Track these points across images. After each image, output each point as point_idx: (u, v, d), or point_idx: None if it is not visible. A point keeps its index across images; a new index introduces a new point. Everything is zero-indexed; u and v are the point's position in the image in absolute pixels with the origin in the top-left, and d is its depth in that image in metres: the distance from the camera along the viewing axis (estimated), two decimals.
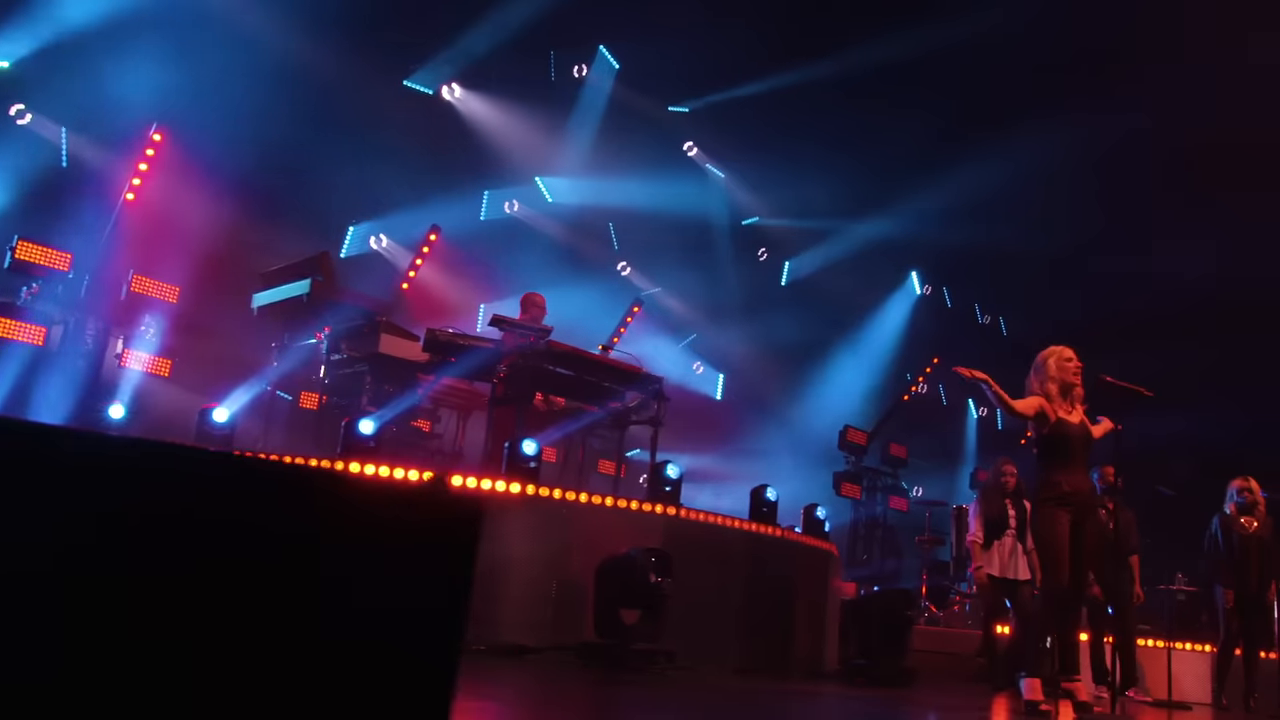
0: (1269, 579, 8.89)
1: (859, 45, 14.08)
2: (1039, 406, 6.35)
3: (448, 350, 8.38)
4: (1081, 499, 6.31)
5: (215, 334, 9.56)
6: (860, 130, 15.25)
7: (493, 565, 6.53)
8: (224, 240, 10.12)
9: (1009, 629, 9.62)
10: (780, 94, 15.06)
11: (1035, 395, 6.43)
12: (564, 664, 6.52)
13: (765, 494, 8.10)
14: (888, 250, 16.64)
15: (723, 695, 5.99)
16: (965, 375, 6.31)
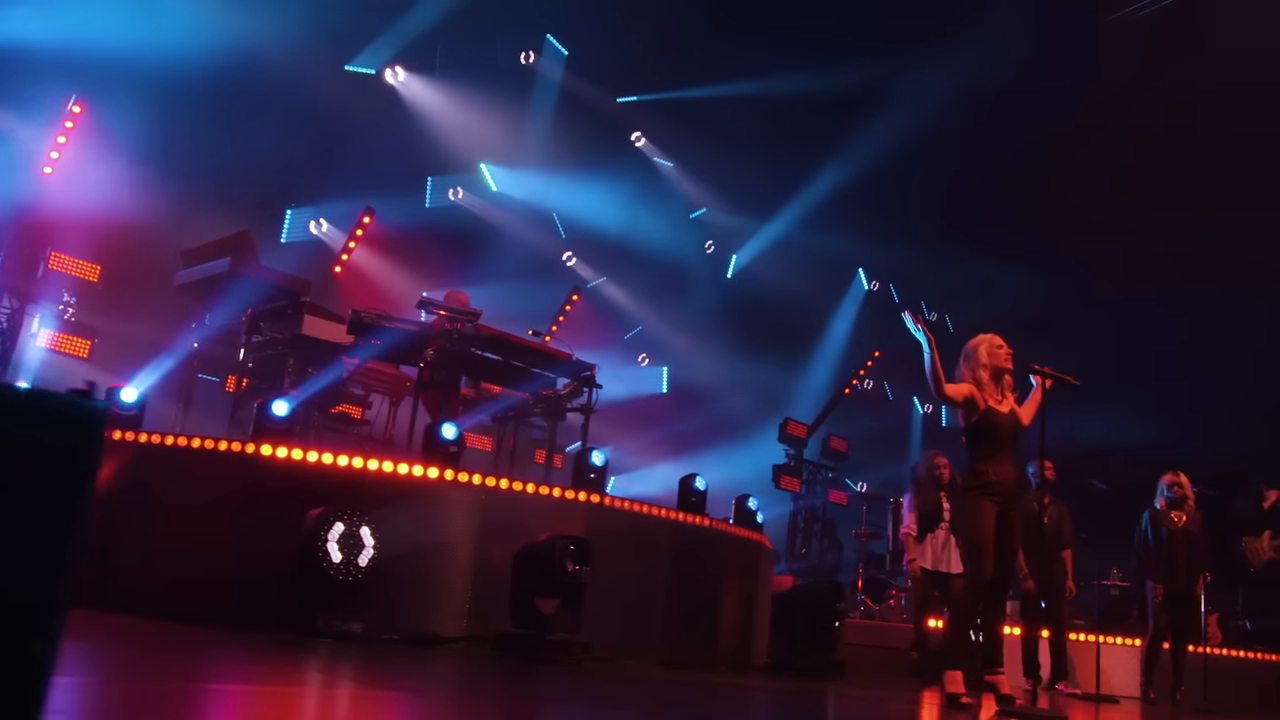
0: (1197, 573, 8.82)
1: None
2: (969, 393, 6.20)
3: (373, 332, 8.09)
4: (1008, 489, 6.15)
5: (137, 314, 9.21)
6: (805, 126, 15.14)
7: (409, 552, 6.27)
8: (149, 218, 9.78)
9: (942, 622, 9.49)
10: (727, 89, 14.92)
11: (966, 383, 6.28)
12: (478, 655, 6.27)
13: (694, 483, 7.89)
14: (835, 245, 16.50)
15: (638, 687, 5.77)
16: (915, 322, 6.16)
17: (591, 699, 5.00)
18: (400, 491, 6.46)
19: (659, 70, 15.34)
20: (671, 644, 7.37)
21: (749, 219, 16.84)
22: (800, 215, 16.34)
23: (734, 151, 15.71)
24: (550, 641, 6.14)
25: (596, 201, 15.56)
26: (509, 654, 6.22)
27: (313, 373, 8.35)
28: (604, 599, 6.87)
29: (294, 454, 6.45)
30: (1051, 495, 9.35)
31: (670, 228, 16.46)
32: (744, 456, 13.61)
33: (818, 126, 15.04)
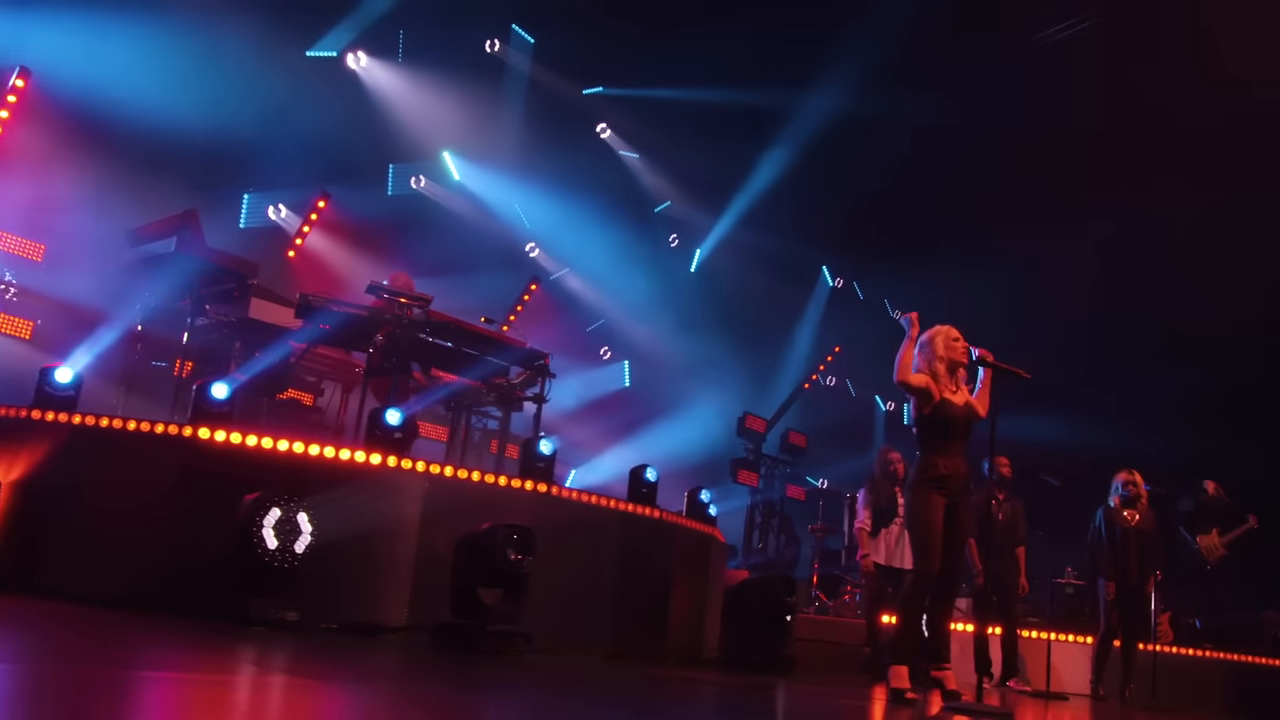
0: (1149, 572, 8.78)
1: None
2: (926, 383, 6.10)
3: (321, 316, 7.90)
4: (958, 483, 6.06)
5: (83, 295, 8.95)
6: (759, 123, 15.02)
7: (349, 539, 6.10)
8: (99, 198, 9.53)
9: (895, 618, 9.40)
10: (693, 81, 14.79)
11: (923, 374, 6.16)
12: (418, 645, 6.11)
13: (644, 474, 7.74)
14: (794, 240, 16.39)
15: (579, 679, 5.62)
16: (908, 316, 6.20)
17: (528, 691, 4.85)
18: (341, 478, 6.29)
19: (625, 62, 15.16)
20: (619, 637, 7.22)
21: (713, 213, 16.65)
22: (760, 210, 16.21)
23: (697, 144, 15.57)
24: (491, 632, 5.99)
25: (560, 193, 15.37)
26: (449, 644, 6.06)
27: (260, 357, 8.14)
28: (549, 590, 6.73)
29: (233, 438, 6.27)
30: (1006, 491, 9.30)
31: (635, 221, 16.28)
32: (703, 450, 13.50)
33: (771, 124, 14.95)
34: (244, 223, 13.12)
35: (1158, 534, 8.90)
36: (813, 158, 15.14)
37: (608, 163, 16.10)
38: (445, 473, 6.63)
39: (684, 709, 5.02)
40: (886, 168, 14.59)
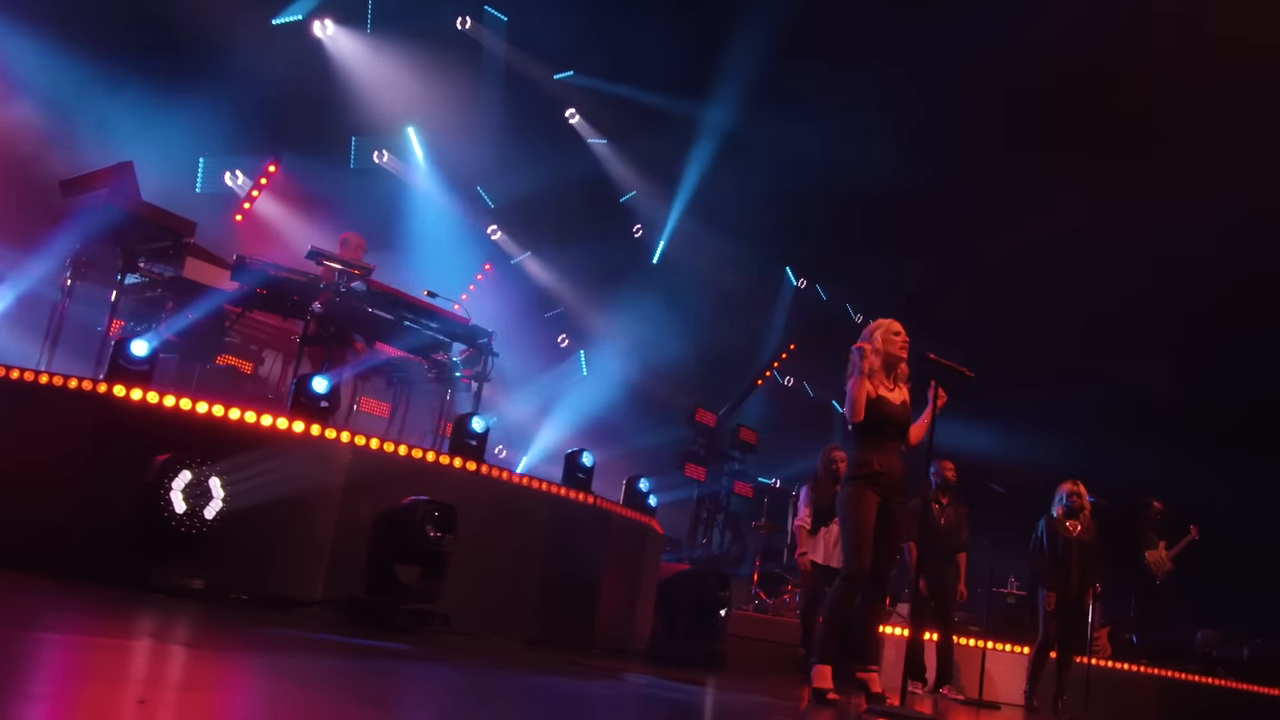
0: (1088, 583, 8.65)
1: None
2: (867, 394, 5.90)
3: (258, 280, 7.61)
4: (893, 481, 5.86)
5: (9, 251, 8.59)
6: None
7: (264, 508, 5.83)
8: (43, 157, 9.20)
9: None
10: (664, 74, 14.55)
11: (857, 372, 5.97)
12: (329, 620, 5.85)
13: (580, 459, 7.51)
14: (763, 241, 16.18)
15: (494, 662, 5.39)
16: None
17: (434, 672, 4.62)
18: (261, 444, 6.00)
19: (597, 50, 14.90)
20: (544, 623, 6.99)
21: (676, 206, 16.37)
22: (723, 207, 15.98)
23: (664, 135, 15.34)
24: (405, 610, 5.75)
25: (526, 177, 15.10)
26: (361, 621, 5.81)
27: (194, 318, 7.84)
28: (473, 571, 6.51)
29: (149, 397, 5.96)
30: (950, 496, 9.14)
31: (600, 208, 16.03)
32: (653, 442, 13.28)
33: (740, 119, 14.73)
34: (199, 188, 12.79)
35: (1099, 545, 8.77)
36: (774, 156, 14.91)
37: (575, 149, 15.82)
38: (370, 445, 6.37)
39: (596, 697, 4.80)
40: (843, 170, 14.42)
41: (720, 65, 14.22)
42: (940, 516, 9.06)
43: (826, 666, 5.70)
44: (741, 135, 14.94)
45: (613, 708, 4.45)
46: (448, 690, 4.06)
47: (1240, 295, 13.23)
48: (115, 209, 7.27)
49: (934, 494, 9.16)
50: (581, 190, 15.68)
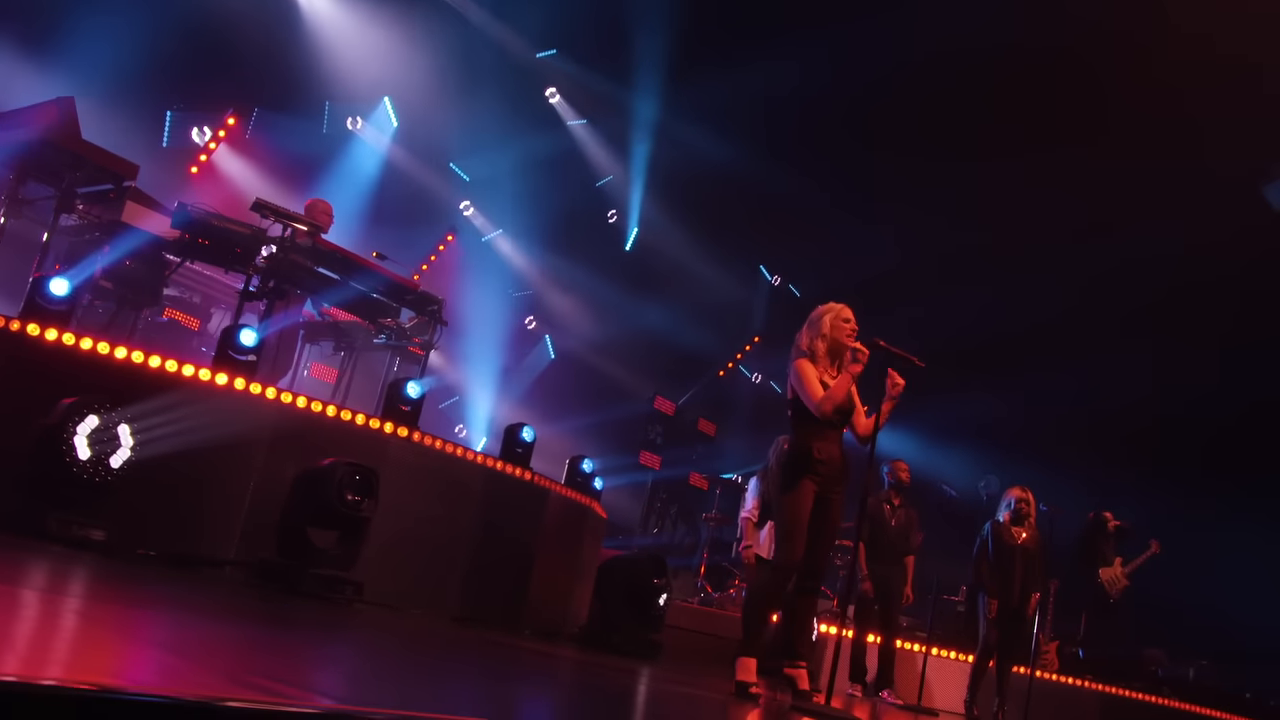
0: (1030, 592, 8.39)
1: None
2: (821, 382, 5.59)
3: (200, 230, 7.27)
4: (833, 471, 5.56)
5: None
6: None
7: (178, 461, 5.50)
8: None
9: (775, 615, 8.95)
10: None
11: (802, 355, 5.68)
12: (236, 582, 5.53)
13: (520, 434, 7.20)
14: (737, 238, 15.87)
15: (407, 636, 5.08)
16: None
17: (332, 640, 4.31)
18: (180, 395, 5.66)
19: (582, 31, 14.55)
20: (471, 600, 6.69)
21: (651, 193, 16.02)
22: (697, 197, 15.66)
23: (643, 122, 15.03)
24: (314, 575, 5.42)
25: (502, 154, 14.76)
26: (270, 584, 5.49)
27: (130, 266, 7.49)
28: (399, 541, 6.22)
29: (64, 338, 5.61)
30: (902, 497, 8.89)
31: (575, 191, 15.69)
32: (611, 428, 13.00)
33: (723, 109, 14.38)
34: (165, 142, 12.42)
35: (1043, 554, 8.51)
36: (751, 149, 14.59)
37: (554, 129, 15.47)
38: (297, 403, 6.04)
39: (508, 676, 4.49)
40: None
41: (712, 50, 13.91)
42: (891, 517, 8.81)
43: (751, 659, 5.41)
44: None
45: (518, 688, 4.15)
46: (319, 659, 3.75)
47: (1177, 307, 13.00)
48: (52, 145, 6.92)
49: (886, 494, 8.91)
50: (557, 171, 15.34)
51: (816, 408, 5.49)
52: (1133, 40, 11.51)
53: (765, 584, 5.57)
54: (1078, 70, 12.10)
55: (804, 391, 5.56)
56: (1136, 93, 11.90)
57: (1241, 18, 10.79)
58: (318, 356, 9.96)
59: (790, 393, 5.70)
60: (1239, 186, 12.51)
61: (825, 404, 5.49)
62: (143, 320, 8.35)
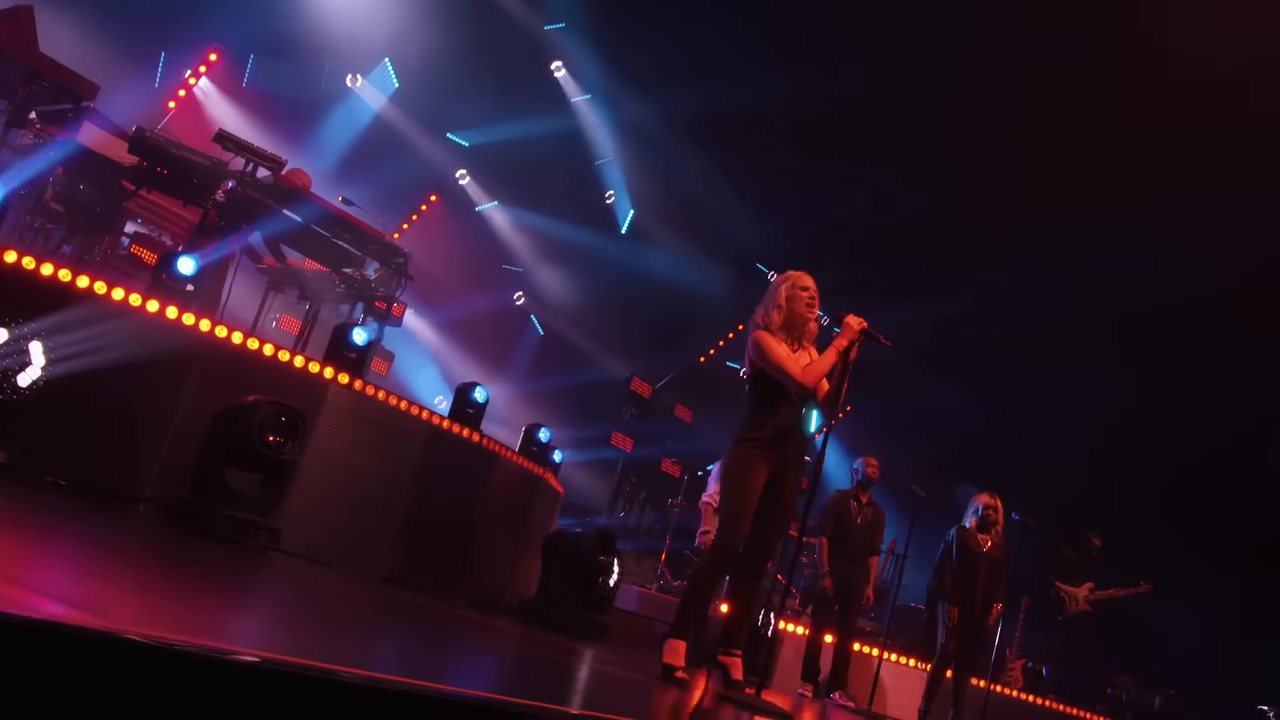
0: (993, 602, 8.02)
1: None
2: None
3: (158, 158, 6.92)
4: (788, 451, 5.17)
5: None
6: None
7: (97, 387, 5.15)
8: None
9: (726, 605, 8.58)
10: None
11: (759, 328, 5.26)
12: (149, 519, 5.18)
13: (472, 394, 6.84)
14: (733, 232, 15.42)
15: (308, 588, 4.73)
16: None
17: (214, 582, 3.95)
18: (102, 316, 5.29)
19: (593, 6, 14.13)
20: (405, 562, 6.32)
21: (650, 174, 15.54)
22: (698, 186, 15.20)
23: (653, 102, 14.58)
24: (226, 517, 5.06)
25: (502, 125, 14.41)
26: (181, 524, 5.13)
27: (84, 189, 7.14)
28: (328, 492, 5.86)
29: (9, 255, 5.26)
30: (870, 495, 8.51)
31: (574, 168, 15.31)
32: (586, 406, 12.65)
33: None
34: (158, 82, 12.08)
35: (1008, 565, 8.12)
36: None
37: (557, 103, 15.08)
38: (232, 338, 5.67)
39: (409, 636, 4.14)
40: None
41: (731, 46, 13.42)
42: (857, 515, 8.43)
43: (680, 642, 5.03)
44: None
45: (411, 646, 3.80)
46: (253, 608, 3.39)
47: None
48: (6, 56, 6.57)
49: (854, 490, 8.54)
50: (557, 146, 14.97)
51: (796, 380, 5.04)
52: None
53: (703, 565, 5.20)
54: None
55: (772, 364, 5.08)
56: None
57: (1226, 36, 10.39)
58: (285, 308, 9.61)
59: (749, 368, 5.29)
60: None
61: (808, 375, 5.06)
62: (101, 252, 8.01)
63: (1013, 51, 11.42)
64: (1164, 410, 12.14)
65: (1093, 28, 11.28)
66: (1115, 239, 12.20)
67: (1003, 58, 11.51)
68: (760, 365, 5.18)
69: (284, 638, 2.94)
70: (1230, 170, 11.06)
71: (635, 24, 13.37)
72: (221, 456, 5.15)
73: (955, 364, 13.46)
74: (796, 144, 13.35)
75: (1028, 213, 12.25)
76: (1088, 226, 12.24)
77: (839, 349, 5.13)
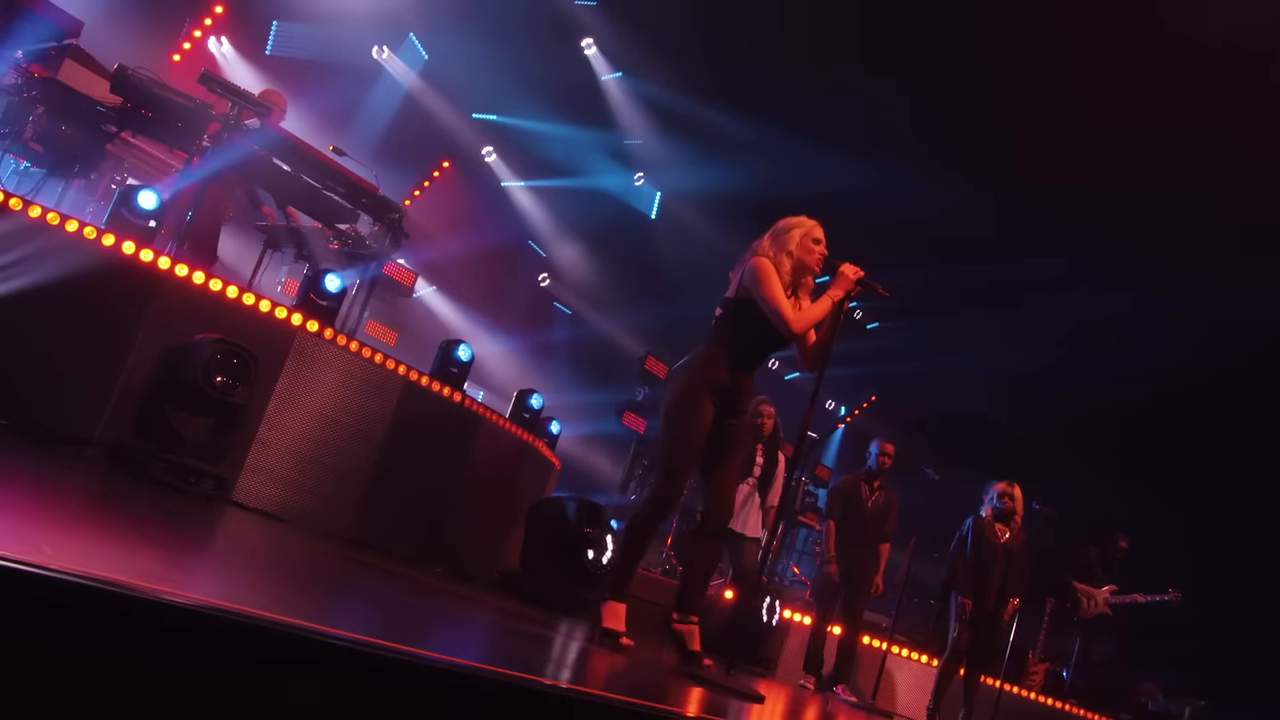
0: (1009, 595, 7.47)
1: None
2: None
3: (141, 98, 6.59)
4: (739, 397, 4.63)
5: None
6: None
7: (41, 324, 4.82)
8: None
9: (730, 591, 8.13)
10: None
11: (763, 256, 4.73)
12: (94, 462, 4.81)
13: (455, 352, 6.42)
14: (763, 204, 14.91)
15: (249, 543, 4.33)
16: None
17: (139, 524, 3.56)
18: (57, 251, 4.96)
19: None
20: (372, 525, 5.91)
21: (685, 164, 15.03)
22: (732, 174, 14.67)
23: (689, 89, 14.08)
24: (166, 461, 4.67)
25: (529, 101, 14.01)
26: (120, 468, 4.76)
27: (65, 130, 6.82)
28: (290, 442, 5.46)
29: None
30: (883, 479, 8.01)
31: (601, 149, 14.88)
32: (604, 389, 12.23)
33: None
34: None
35: (1026, 557, 7.57)
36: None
37: (587, 81, 14.65)
38: (192, 278, 5.30)
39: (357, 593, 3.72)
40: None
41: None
42: (868, 499, 7.93)
43: (619, 604, 4.57)
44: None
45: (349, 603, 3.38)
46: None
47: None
48: None
49: (865, 473, 8.05)
50: (586, 126, 14.56)
51: (788, 323, 4.54)
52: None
53: (639, 512, 4.71)
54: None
55: (768, 298, 4.55)
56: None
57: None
58: (284, 270, 9.26)
59: (735, 293, 4.73)
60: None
61: (800, 322, 4.56)
62: (95, 201, 7.71)
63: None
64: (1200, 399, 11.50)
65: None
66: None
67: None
68: (752, 294, 4.66)
69: (201, 583, 2.53)
70: None
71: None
72: (165, 397, 4.78)
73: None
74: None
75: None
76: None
77: (835, 299, 4.66)
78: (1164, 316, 12.00)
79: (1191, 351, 11.97)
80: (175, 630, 1.71)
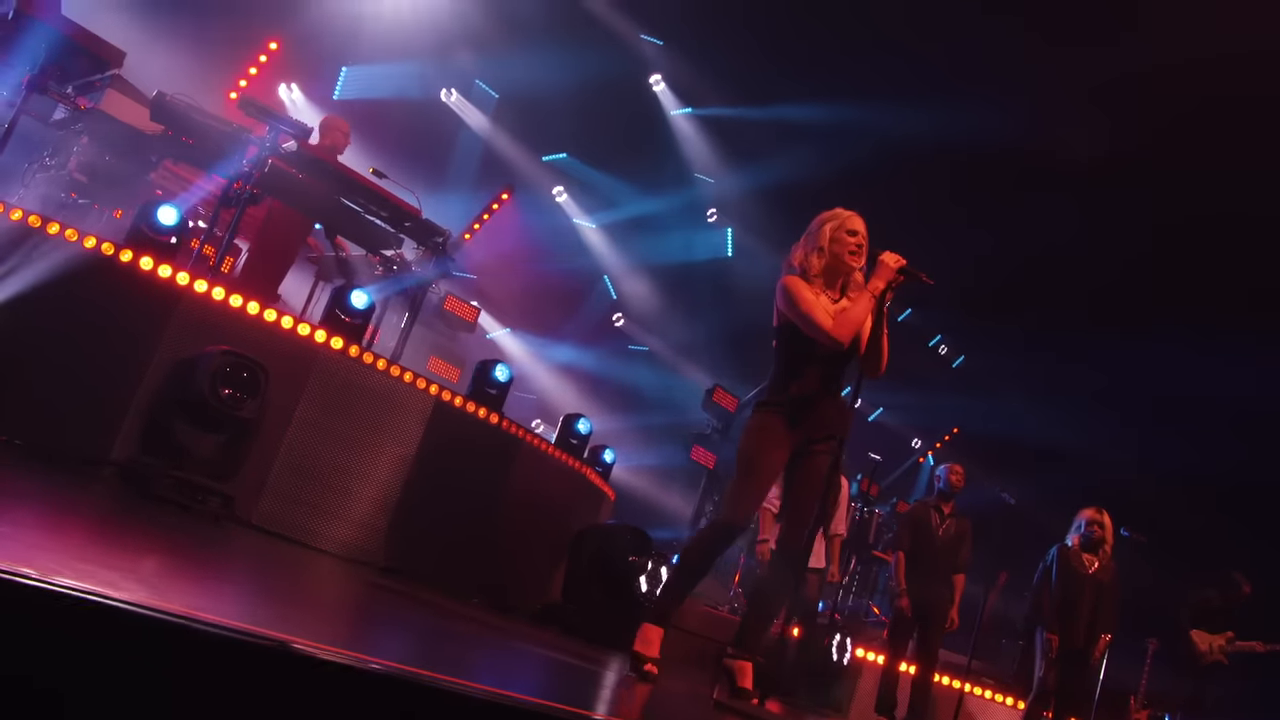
0: (1099, 631, 6.80)
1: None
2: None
3: (180, 125, 6.51)
4: (821, 420, 4.21)
5: None
6: None
7: (53, 338, 4.67)
8: None
9: (798, 629, 7.61)
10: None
11: (792, 271, 4.36)
12: (100, 484, 4.60)
13: (493, 372, 6.12)
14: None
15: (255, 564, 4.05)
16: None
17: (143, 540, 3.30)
18: (76, 267, 4.81)
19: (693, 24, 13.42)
20: (401, 551, 5.59)
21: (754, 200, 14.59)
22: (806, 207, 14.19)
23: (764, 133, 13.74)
24: (171, 478, 4.43)
25: (599, 140, 13.85)
26: (128, 485, 4.54)
27: (109, 160, 6.78)
28: (310, 464, 5.20)
29: None
30: (954, 505, 7.44)
31: (672, 184, 14.59)
32: (677, 423, 11.85)
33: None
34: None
35: (1117, 588, 6.89)
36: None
37: (655, 118, 14.44)
38: (212, 294, 5.11)
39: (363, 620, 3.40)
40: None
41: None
42: (939, 528, 7.36)
43: (656, 629, 4.15)
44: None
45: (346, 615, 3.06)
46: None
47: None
48: (29, 19, 6.25)
49: (934, 500, 7.49)
50: (655, 162, 14.34)
51: (825, 332, 4.11)
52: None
53: (698, 538, 4.32)
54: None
55: (799, 313, 4.17)
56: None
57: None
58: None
59: (777, 319, 4.36)
60: None
61: (840, 328, 4.12)
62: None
63: None
64: None
65: None
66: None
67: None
68: (787, 315, 4.28)
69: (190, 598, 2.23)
70: None
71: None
72: (172, 412, 4.55)
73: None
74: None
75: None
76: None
77: (874, 293, 4.21)
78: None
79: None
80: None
